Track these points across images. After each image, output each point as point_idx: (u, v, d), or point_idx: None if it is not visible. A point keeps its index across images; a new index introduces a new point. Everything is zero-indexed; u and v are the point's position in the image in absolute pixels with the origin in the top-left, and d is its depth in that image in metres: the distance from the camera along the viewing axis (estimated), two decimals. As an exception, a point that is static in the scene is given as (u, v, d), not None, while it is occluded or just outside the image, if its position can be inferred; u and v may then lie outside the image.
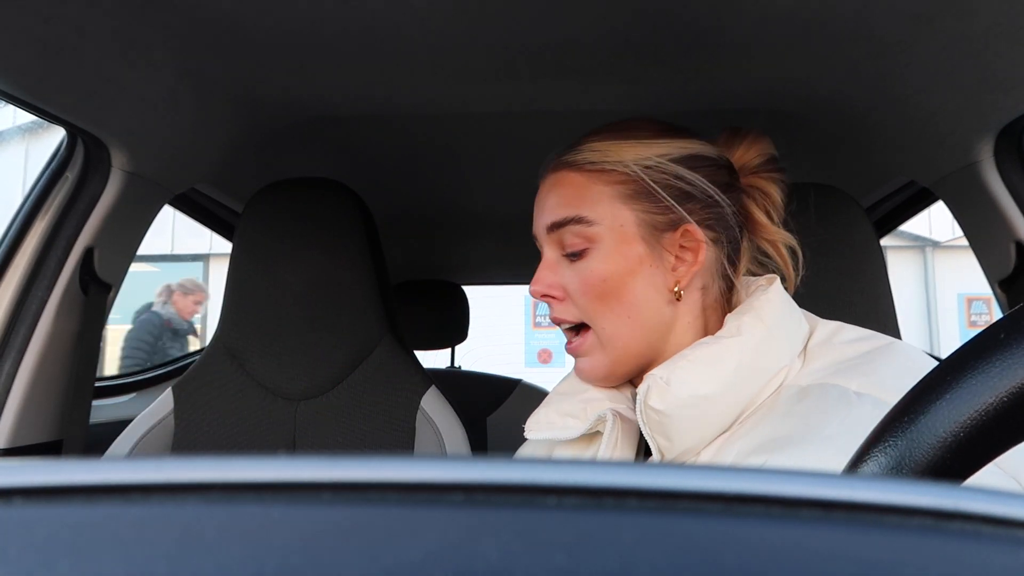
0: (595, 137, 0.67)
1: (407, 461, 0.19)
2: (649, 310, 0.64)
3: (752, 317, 0.61)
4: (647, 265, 0.64)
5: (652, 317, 0.64)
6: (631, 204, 0.64)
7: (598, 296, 0.64)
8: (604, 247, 0.64)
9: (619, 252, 0.63)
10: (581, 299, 0.65)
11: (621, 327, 0.64)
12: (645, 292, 0.64)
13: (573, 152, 0.67)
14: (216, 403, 1.07)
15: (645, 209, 0.63)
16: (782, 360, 0.61)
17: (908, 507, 0.17)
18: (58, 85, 0.84)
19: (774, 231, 0.68)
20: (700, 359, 0.59)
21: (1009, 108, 0.90)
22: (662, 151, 0.64)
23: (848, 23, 0.83)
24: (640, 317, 0.64)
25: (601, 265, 0.63)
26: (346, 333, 1.08)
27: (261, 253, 1.08)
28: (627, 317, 0.64)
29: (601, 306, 0.64)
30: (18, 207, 1.01)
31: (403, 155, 1.33)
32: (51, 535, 0.16)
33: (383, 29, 0.85)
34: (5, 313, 0.97)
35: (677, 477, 0.18)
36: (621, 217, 0.63)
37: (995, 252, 1.03)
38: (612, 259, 0.63)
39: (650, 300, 0.64)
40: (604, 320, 0.64)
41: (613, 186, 0.64)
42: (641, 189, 0.63)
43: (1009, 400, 0.24)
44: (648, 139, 0.65)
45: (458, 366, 2.29)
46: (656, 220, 0.64)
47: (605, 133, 0.67)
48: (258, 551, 0.16)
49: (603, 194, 0.64)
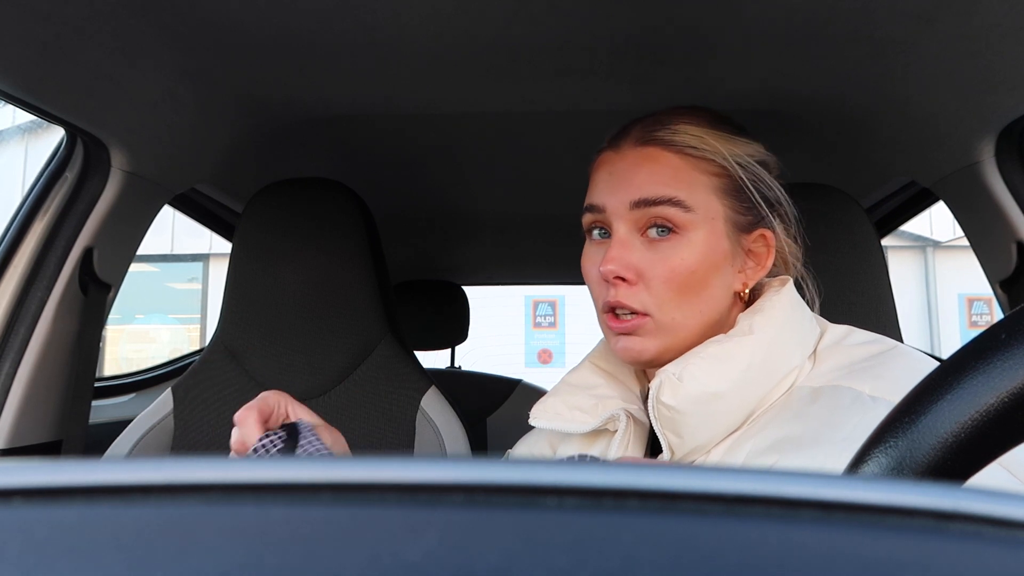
0: (688, 120, 0.64)
1: (407, 461, 0.19)
2: (717, 307, 0.63)
3: (763, 317, 0.61)
4: (727, 263, 0.63)
5: (716, 314, 0.63)
6: (723, 198, 0.63)
7: (681, 286, 0.61)
8: (695, 236, 0.61)
9: (708, 244, 0.62)
10: (660, 286, 0.61)
11: (689, 319, 0.62)
12: (718, 289, 0.63)
13: (667, 130, 0.63)
14: (216, 403, 1.07)
15: (733, 206, 0.63)
16: (792, 360, 0.61)
17: (909, 508, 0.17)
18: (58, 85, 0.84)
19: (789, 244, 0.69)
20: (712, 356, 0.59)
21: (1010, 108, 0.90)
22: (750, 151, 0.64)
23: (849, 24, 0.83)
24: (709, 312, 0.63)
25: (691, 255, 0.61)
26: (346, 333, 1.08)
27: (261, 253, 1.08)
28: (698, 312, 0.62)
29: (679, 296, 0.61)
30: (17, 207, 1.01)
31: (403, 155, 1.33)
32: (51, 535, 0.16)
33: (383, 29, 0.85)
34: (4, 313, 0.97)
35: (677, 477, 0.18)
36: (714, 209, 0.62)
37: (996, 252, 1.03)
38: (702, 251, 0.61)
39: (720, 298, 0.63)
40: (676, 310, 0.62)
41: (711, 176, 0.62)
42: (734, 185, 0.63)
43: (1010, 401, 0.24)
44: (735, 135, 0.64)
45: (458, 366, 2.29)
46: (740, 220, 0.63)
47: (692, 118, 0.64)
48: (258, 551, 0.16)
49: (700, 183, 0.62)
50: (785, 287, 0.64)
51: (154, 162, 1.07)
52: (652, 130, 0.64)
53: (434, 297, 2.23)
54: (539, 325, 8.09)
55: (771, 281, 0.67)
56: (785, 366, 0.61)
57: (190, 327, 7.93)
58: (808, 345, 0.63)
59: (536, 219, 1.72)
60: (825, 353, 0.63)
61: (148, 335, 7.76)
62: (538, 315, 8.08)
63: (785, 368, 0.61)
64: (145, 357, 7.34)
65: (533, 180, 1.44)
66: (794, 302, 0.64)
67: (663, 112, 0.66)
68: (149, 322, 7.74)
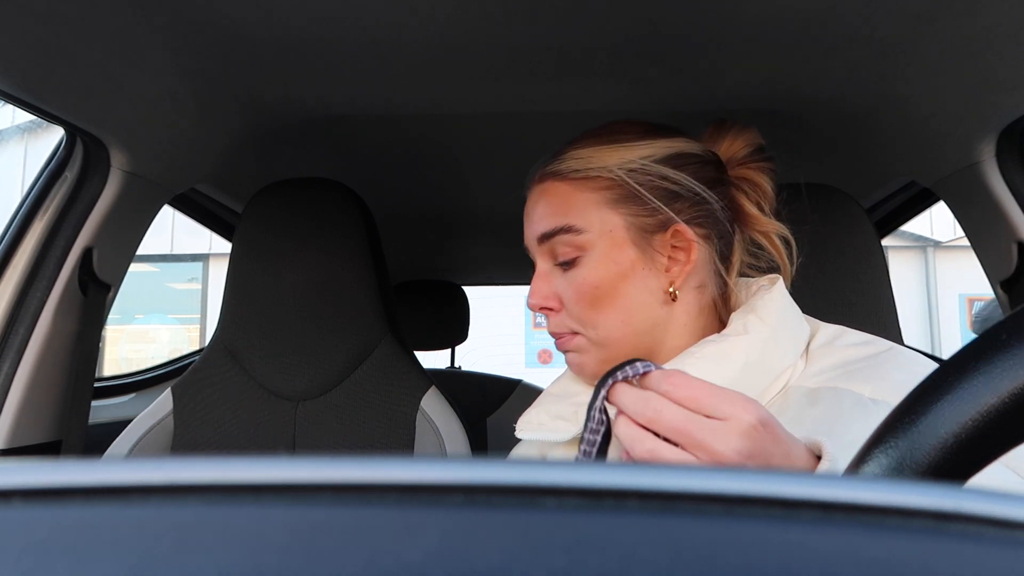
0: (577, 144, 0.67)
1: (407, 462, 0.19)
2: (643, 313, 0.64)
3: (757, 316, 0.61)
4: (639, 268, 0.64)
5: (646, 320, 0.64)
6: (618, 209, 0.64)
7: (591, 303, 0.64)
8: (595, 254, 0.64)
9: (610, 257, 0.63)
10: (575, 307, 0.65)
11: (614, 331, 0.64)
12: (638, 295, 0.64)
13: (556, 161, 0.67)
14: (215, 403, 1.07)
15: (633, 213, 0.64)
16: (786, 360, 0.61)
17: (909, 508, 0.17)
18: (58, 85, 0.84)
19: (766, 222, 0.68)
20: (707, 356, 0.60)
21: (1010, 108, 0.91)
22: (645, 153, 0.64)
23: (849, 24, 0.83)
24: (633, 320, 0.64)
25: (593, 272, 0.64)
26: (346, 333, 1.08)
27: (261, 253, 1.08)
28: (621, 322, 0.64)
29: (594, 312, 0.64)
30: (17, 207, 1.01)
31: (403, 155, 1.32)
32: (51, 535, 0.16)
33: (383, 29, 0.85)
34: (4, 313, 0.97)
35: (677, 477, 0.18)
36: (610, 223, 0.64)
37: (997, 252, 1.03)
38: (604, 265, 0.64)
39: (644, 303, 0.64)
40: (598, 326, 0.65)
41: (599, 192, 0.64)
42: (627, 193, 0.64)
43: (1011, 401, 0.24)
44: (630, 142, 0.65)
45: (458, 366, 2.29)
46: (645, 223, 0.64)
47: (587, 140, 0.67)
48: (258, 552, 0.16)
49: (590, 201, 0.64)
50: (776, 285, 0.65)
51: (154, 162, 1.07)
52: (545, 165, 0.68)
53: (434, 297, 2.23)
54: (539, 325, 8.09)
55: (760, 280, 0.67)
56: (779, 365, 0.61)
57: (190, 327, 7.93)
58: (800, 343, 0.63)
59: (536, 219, 1.72)
60: (818, 353, 0.63)
61: (148, 335, 7.76)
62: (538, 315, 8.07)
63: (779, 367, 0.61)
64: (145, 357, 7.34)
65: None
66: (785, 301, 0.64)
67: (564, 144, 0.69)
68: (149, 322, 7.74)
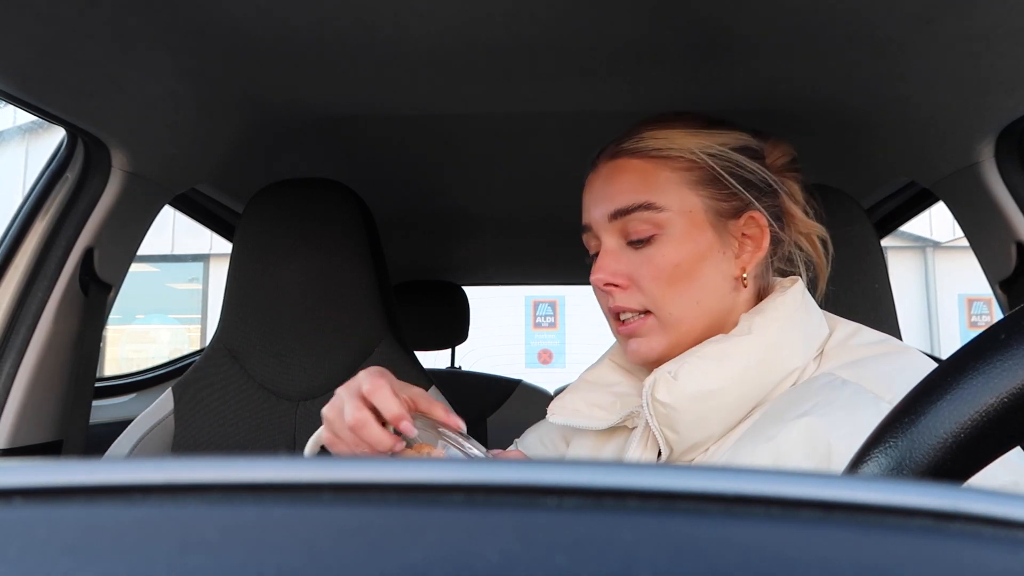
0: (653, 126, 0.67)
1: (407, 462, 0.19)
2: (715, 295, 0.65)
3: (764, 318, 0.62)
4: (716, 251, 0.64)
5: (717, 303, 0.65)
6: (698, 190, 0.64)
7: (668, 281, 0.64)
8: (674, 233, 0.64)
9: (689, 237, 0.64)
10: (650, 284, 0.64)
11: (688, 311, 0.64)
12: (713, 277, 0.64)
13: (633, 140, 0.67)
14: (216, 403, 1.07)
15: (711, 195, 0.64)
16: (795, 361, 0.61)
17: (908, 508, 0.17)
18: (58, 85, 0.84)
19: (810, 224, 0.70)
20: (709, 355, 0.60)
21: (1010, 109, 0.90)
22: (722, 140, 0.66)
23: (849, 24, 0.83)
24: (707, 302, 0.64)
25: (673, 251, 0.63)
26: (346, 333, 1.08)
27: (261, 253, 1.08)
28: (695, 302, 0.64)
29: (671, 291, 0.64)
30: (18, 207, 1.01)
31: (403, 155, 1.32)
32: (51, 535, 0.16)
33: (383, 29, 0.85)
34: (5, 313, 0.97)
35: (677, 477, 0.18)
36: (689, 203, 0.64)
37: (996, 253, 1.03)
38: (683, 245, 0.63)
39: (717, 286, 0.65)
40: (672, 305, 0.64)
41: (680, 172, 0.64)
42: (707, 176, 0.64)
43: (1010, 401, 0.24)
44: (706, 128, 0.66)
45: (458, 366, 2.28)
46: (722, 207, 0.65)
47: (661, 123, 0.67)
48: (258, 552, 0.16)
49: (670, 180, 0.64)
50: (793, 287, 0.65)
51: (155, 162, 1.07)
52: (621, 143, 0.67)
53: (434, 297, 2.23)
54: (539, 325, 8.09)
55: (783, 281, 0.68)
56: (787, 366, 0.61)
57: (190, 327, 7.93)
58: (814, 346, 0.63)
59: (536, 219, 1.72)
60: (831, 352, 0.63)
61: (148, 335, 7.76)
62: (538, 315, 8.07)
63: (787, 368, 0.61)
64: (145, 357, 7.34)
65: (533, 180, 1.44)
66: (799, 303, 0.64)
67: (635, 124, 0.69)
68: (149, 322, 7.74)
